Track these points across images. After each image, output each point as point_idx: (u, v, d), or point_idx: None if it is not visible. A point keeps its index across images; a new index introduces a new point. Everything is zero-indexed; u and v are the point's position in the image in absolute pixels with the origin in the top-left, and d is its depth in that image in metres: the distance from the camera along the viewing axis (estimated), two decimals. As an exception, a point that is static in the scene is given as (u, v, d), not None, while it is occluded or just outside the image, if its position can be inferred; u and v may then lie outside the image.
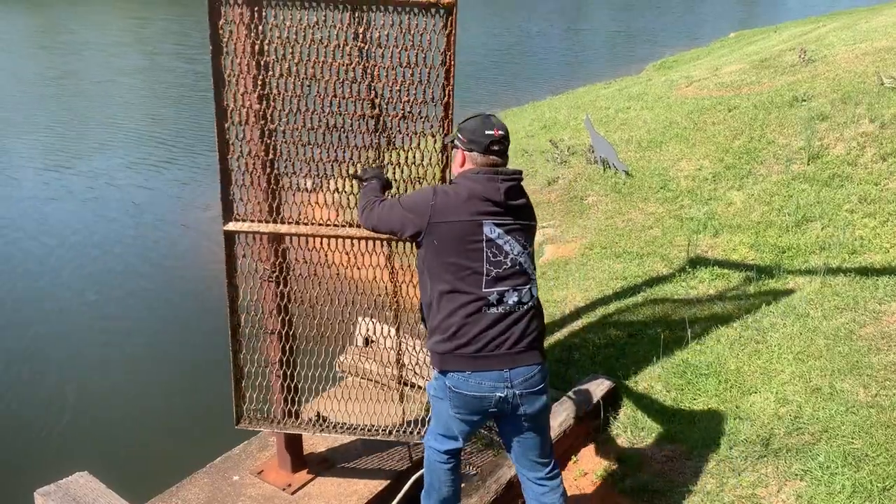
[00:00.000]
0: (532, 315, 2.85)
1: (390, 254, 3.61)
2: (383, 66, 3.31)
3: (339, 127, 3.35)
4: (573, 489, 3.79)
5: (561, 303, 5.81)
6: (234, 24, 3.06)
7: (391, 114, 3.42)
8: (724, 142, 8.40)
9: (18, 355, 7.08)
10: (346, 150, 3.40)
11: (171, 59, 23.80)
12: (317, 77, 3.23)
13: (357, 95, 3.32)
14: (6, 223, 10.46)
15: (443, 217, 2.79)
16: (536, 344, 2.86)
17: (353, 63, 3.24)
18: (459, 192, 2.82)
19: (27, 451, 5.62)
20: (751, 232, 6.50)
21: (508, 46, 26.06)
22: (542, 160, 9.26)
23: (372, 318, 3.85)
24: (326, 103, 3.27)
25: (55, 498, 3.46)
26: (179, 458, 3.49)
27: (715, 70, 12.19)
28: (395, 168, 3.43)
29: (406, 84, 3.31)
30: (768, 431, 3.89)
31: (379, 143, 3.43)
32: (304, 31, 3.14)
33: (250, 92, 3.16)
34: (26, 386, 6.54)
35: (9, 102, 18.44)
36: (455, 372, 2.79)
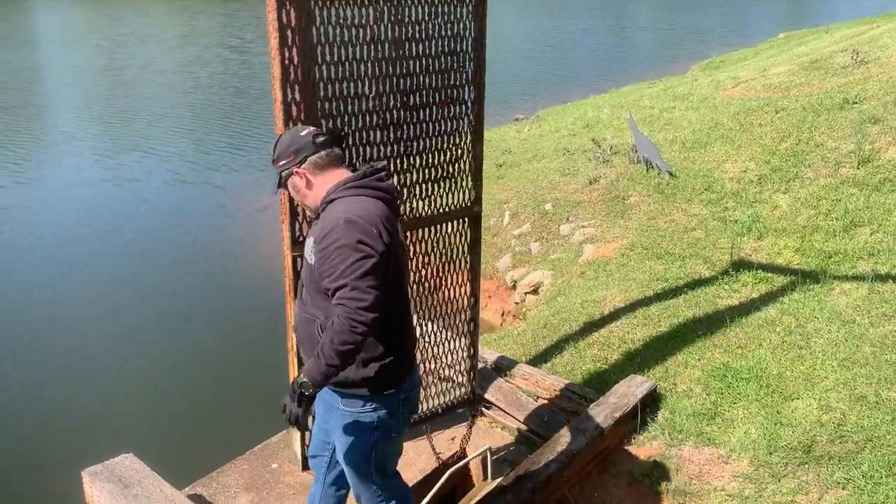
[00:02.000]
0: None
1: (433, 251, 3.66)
2: (425, 56, 3.37)
3: (392, 122, 3.39)
4: (609, 490, 3.78)
5: (600, 303, 5.77)
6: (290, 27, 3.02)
7: (436, 101, 3.48)
8: (770, 144, 8.26)
9: (73, 340, 7.29)
10: (398, 145, 3.44)
11: (227, 51, 24.22)
12: (370, 75, 3.25)
13: (404, 88, 3.36)
14: (65, 208, 10.76)
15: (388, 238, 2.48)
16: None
17: (399, 54, 3.28)
18: (369, 209, 2.46)
19: (77, 433, 5.80)
20: (796, 236, 6.39)
21: (554, 43, 25.93)
22: (583, 159, 9.20)
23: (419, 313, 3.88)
24: (377, 101, 3.31)
25: (102, 477, 3.56)
26: (220, 445, 3.57)
27: (763, 71, 11.98)
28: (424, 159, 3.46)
29: (444, 71, 3.39)
30: (810, 438, 3.83)
31: (423, 134, 3.49)
32: (355, 28, 3.17)
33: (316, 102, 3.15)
34: (78, 371, 6.74)
35: (67, 92, 18.95)
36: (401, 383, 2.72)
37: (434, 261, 3.73)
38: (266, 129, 14.98)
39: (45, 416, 6.07)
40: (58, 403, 6.22)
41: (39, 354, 7.02)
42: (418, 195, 3.60)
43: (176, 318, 7.69)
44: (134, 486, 3.52)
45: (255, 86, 19.23)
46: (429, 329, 3.96)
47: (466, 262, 3.90)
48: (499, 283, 7.77)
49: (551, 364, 5.09)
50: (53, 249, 9.43)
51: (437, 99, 3.51)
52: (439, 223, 3.74)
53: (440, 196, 3.67)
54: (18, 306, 7.98)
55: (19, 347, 7.15)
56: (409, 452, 4.15)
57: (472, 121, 3.66)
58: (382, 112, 3.34)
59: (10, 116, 16.39)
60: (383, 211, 2.49)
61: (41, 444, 5.69)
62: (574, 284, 6.60)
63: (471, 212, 3.83)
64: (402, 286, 2.64)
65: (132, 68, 21.90)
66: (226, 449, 4.19)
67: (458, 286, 3.91)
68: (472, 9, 3.48)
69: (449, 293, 3.88)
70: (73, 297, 8.19)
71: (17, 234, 10.00)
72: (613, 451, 4.01)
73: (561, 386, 4.54)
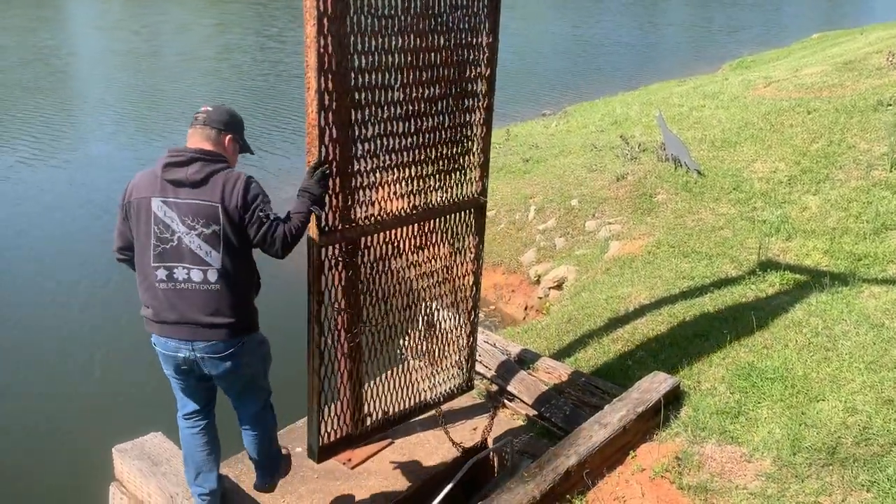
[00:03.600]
0: (208, 294, 2.94)
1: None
2: (445, 48, 3.41)
3: (413, 113, 3.42)
4: (630, 484, 3.78)
5: (625, 299, 5.77)
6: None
7: (452, 93, 3.52)
8: (801, 145, 8.18)
9: (108, 320, 7.41)
10: (417, 136, 3.47)
11: (264, 39, 24.44)
12: (398, 65, 3.28)
13: (425, 79, 3.40)
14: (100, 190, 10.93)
15: (129, 196, 2.98)
16: (218, 321, 2.97)
17: (423, 45, 3.31)
18: (147, 172, 3.01)
19: (107, 411, 5.90)
20: (826, 238, 6.33)
21: (584, 39, 25.80)
22: (611, 156, 9.18)
23: (434, 302, 3.91)
24: (402, 91, 3.33)
25: (131, 454, 3.64)
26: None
27: (795, 71, 11.84)
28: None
29: (461, 63, 3.47)
30: (835, 440, 3.80)
31: (440, 125, 3.53)
32: (385, 18, 3.19)
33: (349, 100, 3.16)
34: (109, 350, 6.86)
35: (107, 76, 19.22)
36: (152, 334, 3.09)
37: (442, 250, 3.77)
38: (296, 115, 15.15)
39: (76, 394, 6.20)
40: (89, 382, 6.35)
41: (72, 332, 7.16)
42: (432, 186, 3.64)
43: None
44: (162, 464, 3.59)
45: (289, 72, 19.42)
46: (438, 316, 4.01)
47: (472, 252, 3.94)
48: (522, 277, 7.78)
49: (574, 358, 5.10)
50: (89, 221, 9.59)
51: (453, 91, 3.54)
52: (449, 213, 3.78)
53: (451, 186, 3.71)
54: (52, 284, 8.13)
55: (52, 325, 7.29)
56: (430, 441, 4.20)
57: (484, 113, 3.70)
58: (406, 103, 3.37)
59: (51, 98, 16.66)
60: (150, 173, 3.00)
61: (73, 421, 5.81)
62: (599, 280, 6.59)
63: (477, 202, 3.88)
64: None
65: (169, 55, 22.19)
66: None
67: (464, 275, 3.96)
68: (487, 2, 3.53)
69: (456, 282, 3.93)
70: (104, 277, 8.32)
71: (52, 210, 10.18)
72: (635, 447, 4.02)
73: (583, 380, 4.55)
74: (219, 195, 2.88)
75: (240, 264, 2.98)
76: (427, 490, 3.82)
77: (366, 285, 3.48)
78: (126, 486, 3.69)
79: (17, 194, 10.95)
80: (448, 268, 3.86)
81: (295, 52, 22.11)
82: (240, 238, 2.94)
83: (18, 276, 8.43)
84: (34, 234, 9.53)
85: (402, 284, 3.64)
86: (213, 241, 2.90)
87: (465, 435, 4.28)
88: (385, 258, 3.51)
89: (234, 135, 3.09)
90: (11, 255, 8.92)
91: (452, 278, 3.88)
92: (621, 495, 3.71)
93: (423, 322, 3.93)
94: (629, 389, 4.26)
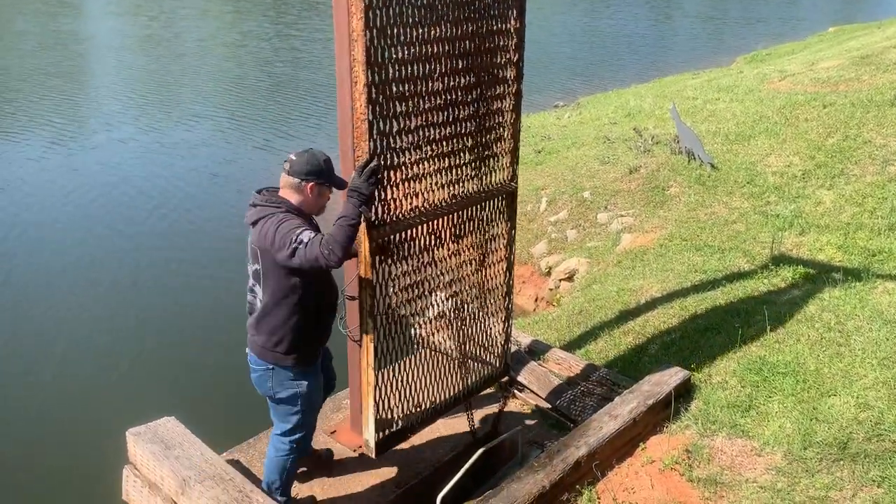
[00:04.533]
0: (256, 316, 3.35)
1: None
2: (477, 35, 3.40)
3: (451, 103, 3.41)
4: (640, 476, 3.79)
5: (637, 292, 5.76)
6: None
7: (485, 80, 3.52)
8: (816, 139, 8.13)
9: (126, 306, 7.47)
10: (454, 125, 3.46)
11: (280, 27, 24.45)
12: (435, 55, 3.25)
13: (460, 68, 3.38)
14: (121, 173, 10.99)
15: None
16: (254, 340, 3.38)
17: (456, 34, 3.30)
18: None
19: (122, 396, 5.95)
20: (839, 233, 6.30)
21: (597, 30, 25.66)
22: (623, 148, 9.14)
23: (444, 291, 3.91)
24: (440, 82, 3.32)
25: (145, 438, 3.67)
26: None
27: (811, 65, 11.75)
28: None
29: (491, 50, 3.48)
30: (846, 435, 3.80)
31: (475, 113, 3.51)
32: (424, 8, 3.17)
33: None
34: (124, 335, 6.91)
35: (123, 61, 19.27)
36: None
37: (477, 239, 3.77)
38: (317, 101, 15.16)
39: (92, 378, 6.25)
40: (105, 367, 6.40)
41: (90, 317, 7.21)
42: (469, 175, 3.63)
43: (222, 287, 7.79)
44: (175, 447, 3.62)
45: (307, 60, 19.47)
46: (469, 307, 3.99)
47: (504, 238, 3.93)
48: (533, 268, 7.78)
49: (585, 350, 5.11)
50: (110, 208, 9.64)
51: (485, 78, 3.53)
52: (485, 201, 3.77)
53: (486, 174, 3.71)
54: (67, 270, 8.19)
55: (67, 312, 7.35)
56: (440, 429, 4.22)
57: (513, 99, 3.69)
58: (444, 92, 3.36)
59: (71, 83, 16.75)
60: None
61: (88, 405, 5.87)
62: (610, 273, 6.58)
63: (509, 188, 3.87)
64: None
65: (189, 41, 22.28)
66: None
67: (498, 262, 3.95)
68: None
69: (491, 269, 3.92)
70: (126, 262, 8.38)
71: (69, 195, 10.25)
72: (645, 439, 4.03)
73: (594, 372, 4.55)
74: (257, 238, 3.21)
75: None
76: (437, 478, 3.84)
77: (412, 277, 3.46)
78: (139, 468, 3.73)
79: (41, 178, 11.03)
80: (484, 255, 3.86)
81: (311, 39, 22.15)
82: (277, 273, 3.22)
83: (39, 259, 8.49)
84: (56, 218, 9.60)
85: (444, 275, 3.64)
86: (256, 277, 3.30)
87: (475, 424, 4.30)
88: (429, 249, 3.51)
89: (315, 181, 3.23)
90: (29, 238, 8.99)
91: (487, 265, 3.88)
92: (631, 486, 3.72)
93: (462, 311, 3.92)
94: (640, 382, 4.26)
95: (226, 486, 3.40)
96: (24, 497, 4.99)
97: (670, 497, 3.60)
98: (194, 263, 8.46)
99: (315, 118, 14.29)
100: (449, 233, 3.64)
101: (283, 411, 3.46)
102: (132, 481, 3.77)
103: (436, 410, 3.80)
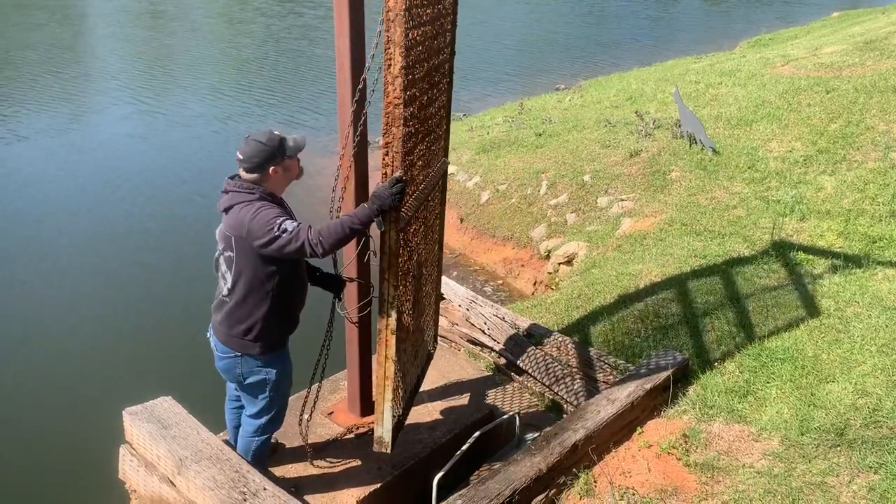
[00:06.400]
0: (223, 305, 3.29)
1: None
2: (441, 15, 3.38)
3: (433, 83, 3.37)
4: (637, 460, 3.79)
5: (636, 276, 5.75)
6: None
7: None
8: (818, 124, 8.08)
9: (124, 284, 7.46)
10: (432, 105, 3.45)
11: (291, 4, 24.31)
12: (430, 36, 3.21)
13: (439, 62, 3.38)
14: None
15: None
16: (220, 327, 3.33)
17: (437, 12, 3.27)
18: None
19: (118, 375, 5.95)
20: (840, 219, 6.27)
21: (601, 12, 25.47)
22: (625, 132, 9.09)
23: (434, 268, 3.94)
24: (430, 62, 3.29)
25: (141, 417, 3.67)
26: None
27: (814, 50, 11.66)
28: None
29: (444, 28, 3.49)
30: (844, 421, 3.79)
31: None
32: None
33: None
34: (121, 316, 6.90)
35: (136, 37, 19.14)
36: None
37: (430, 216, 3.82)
38: (319, 83, 15.12)
39: (89, 358, 6.23)
40: (101, 346, 6.39)
41: (84, 299, 7.20)
42: (437, 155, 3.70)
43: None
44: (172, 427, 3.62)
45: (320, 37, 19.46)
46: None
47: (440, 217, 4.05)
48: (532, 252, 7.76)
49: (583, 334, 5.10)
50: (115, 186, 9.61)
51: (443, 56, 3.57)
52: (441, 179, 3.90)
53: (438, 152, 3.79)
54: (67, 247, 8.16)
55: (66, 291, 7.33)
56: (434, 413, 4.22)
57: (449, 76, 3.73)
58: (432, 73, 3.32)
59: (78, 59, 16.65)
60: None
61: (85, 385, 5.86)
62: (610, 257, 6.57)
63: (445, 165, 3.98)
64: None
65: (197, 17, 22.21)
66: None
67: (436, 241, 4.05)
68: None
69: (433, 248, 4.01)
70: (119, 240, 8.35)
71: (76, 175, 10.21)
72: (642, 423, 4.02)
73: (592, 356, 4.54)
74: (230, 225, 3.15)
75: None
76: (433, 460, 3.85)
77: (408, 263, 3.41)
78: (136, 448, 3.72)
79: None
80: (428, 233, 3.86)
81: (328, 17, 22.07)
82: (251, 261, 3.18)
83: (39, 236, 8.46)
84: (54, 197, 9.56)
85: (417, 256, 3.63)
86: (228, 264, 3.23)
87: (472, 407, 4.30)
88: (417, 232, 3.48)
89: (276, 164, 3.18)
90: (29, 215, 8.96)
91: (431, 242, 3.91)
92: (627, 470, 3.72)
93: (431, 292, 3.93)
94: (638, 366, 4.26)
95: (222, 466, 3.39)
96: (22, 476, 5.00)
97: (667, 481, 3.60)
98: (193, 242, 8.43)
99: (323, 91, 14.30)
100: (428, 213, 3.64)
101: (251, 395, 3.46)
102: (129, 460, 3.77)
103: (412, 395, 3.80)
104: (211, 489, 3.27)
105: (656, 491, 3.53)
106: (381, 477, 3.78)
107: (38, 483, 4.96)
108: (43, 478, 4.99)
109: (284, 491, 3.32)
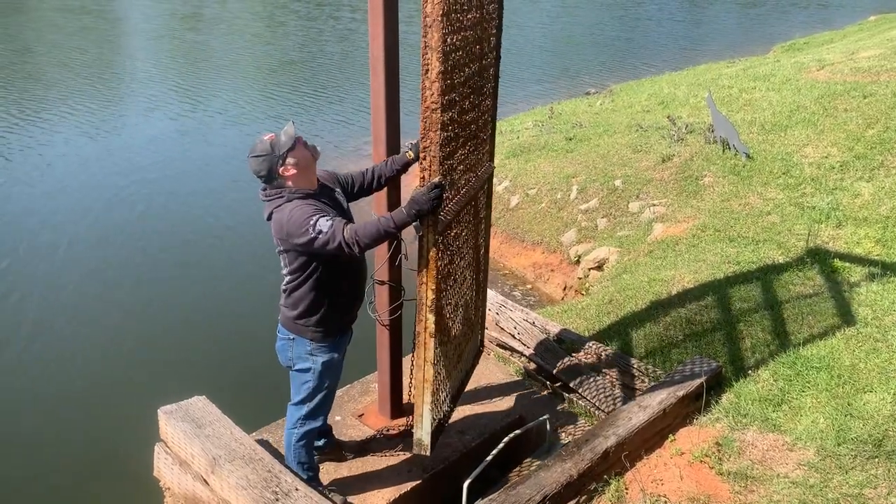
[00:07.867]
0: (284, 291, 3.43)
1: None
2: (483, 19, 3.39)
3: (478, 89, 3.38)
4: (669, 467, 3.76)
5: (668, 282, 5.70)
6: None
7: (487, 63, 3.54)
8: (855, 130, 7.95)
9: (160, 286, 7.57)
10: (476, 110, 3.45)
11: (329, 9, 24.57)
12: (471, 41, 3.21)
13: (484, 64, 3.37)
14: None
15: None
16: (282, 310, 3.48)
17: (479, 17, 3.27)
18: None
19: (154, 375, 6.03)
20: (878, 226, 6.16)
21: (633, 17, 25.33)
22: (657, 136, 9.02)
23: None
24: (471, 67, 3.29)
25: (176, 416, 3.72)
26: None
27: (851, 54, 11.48)
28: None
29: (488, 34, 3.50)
30: (882, 432, 3.73)
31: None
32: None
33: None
34: (158, 316, 7.01)
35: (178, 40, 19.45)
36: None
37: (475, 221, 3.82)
38: (352, 82, 15.22)
39: (125, 358, 6.33)
40: (137, 346, 6.48)
41: (124, 299, 7.31)
42: (480, 160, 3.67)
43: (255, 267, 7.84)
44: (206, 426, 3.66)
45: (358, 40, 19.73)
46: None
47: (485, 221, 4.02)
48: (562, 257, 7.73)
49: (615, 340, 5.07)
50: (154, 186, 9.76)
51: (487, 61, 3.57)
52: (486, 184, 3.88)
53: (484, 159, 3.77)
54: (102, 249, 8.30)
55: (104, 292, 7.45)
56: (466, 416, 4.22)
57: (494, 82, 3.70)
58: (474, 77, 3.32)
59: (113, 62, 16.96)
60: None
61: (121, 384, 5.95)
62: (641, 262, 6.52)
63: (490, 169, 3.95)
64: None
65: (231, 19, 22.55)
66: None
67: (482, 244, 4.00)
68: None
69: (480, 250, 3.97)
70: (154, 242, 8.48)
71: (109, 178, 10.39)
72: (675, 430, 3.98)
73: (624, 362, 4.51)
74: (274, 229, 3.27)
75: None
76: (462, 464, 3.85)
77: (449, 267, 3.37)
78: (171, 446, 3.78)
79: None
80: (476, 236, 3.86)
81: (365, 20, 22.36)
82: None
83: (75, 237, 8.61)
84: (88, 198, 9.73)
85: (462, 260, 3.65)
86: (282, 258, 3.38)
87: (502, 411, 4.29)
88: (460, 236, 3.49)
89: (284, 164, 3.21)
90: (65, 217, 9.12)
91: (477, 247, 3.90)
92: (659, 478, 3.68)
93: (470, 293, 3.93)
94: (670, 373, 4.22)
95: (255, 466, 3.43)
96: (59, 471, 5.09)
97: (699, 490, 3.56)
98: (229, 243, 8.53)
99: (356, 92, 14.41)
100: (471, 217, 3.64)
101: (297, 380, 3.53)
102: (163, 458, 3.82)
103: (455, 397, 3.79)
104: (244, 488, 3.30)
105: (689, 499, 3.50)
106: (412, 480, 3.79)
107: (74, 477, 5.05)
108: (80, 474, 5.08)
109: (316, 492, 3.35)
